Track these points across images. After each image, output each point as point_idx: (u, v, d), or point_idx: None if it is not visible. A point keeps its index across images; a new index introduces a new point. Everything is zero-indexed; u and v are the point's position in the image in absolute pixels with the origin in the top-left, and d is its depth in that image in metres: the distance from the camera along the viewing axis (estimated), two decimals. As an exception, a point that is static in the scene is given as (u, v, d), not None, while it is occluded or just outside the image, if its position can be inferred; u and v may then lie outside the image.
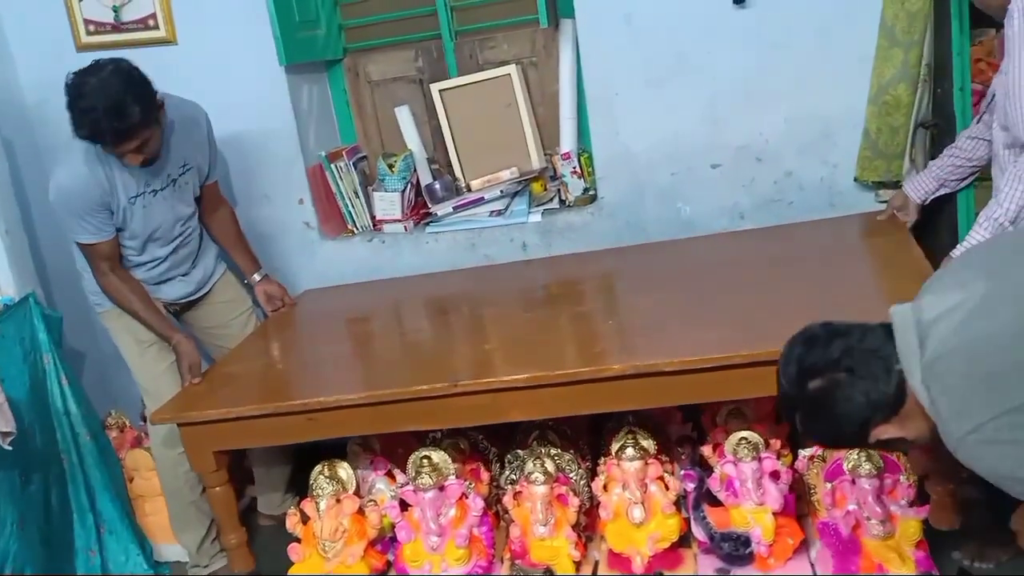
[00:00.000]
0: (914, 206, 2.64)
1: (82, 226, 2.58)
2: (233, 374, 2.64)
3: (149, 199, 2.64)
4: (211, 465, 2.48)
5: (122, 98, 2.35)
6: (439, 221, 3.24)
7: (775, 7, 2.80)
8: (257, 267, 3.03)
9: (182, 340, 2.65)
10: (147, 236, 2.70)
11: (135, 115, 2.37)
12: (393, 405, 2.31)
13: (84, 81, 2.39)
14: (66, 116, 3.18)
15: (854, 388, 1.52)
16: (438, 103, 3.28)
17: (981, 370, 1.39)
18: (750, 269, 2.65)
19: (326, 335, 2.87)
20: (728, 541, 2.37)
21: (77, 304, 3.32)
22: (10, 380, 2.64)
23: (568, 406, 2.31)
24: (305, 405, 2.36)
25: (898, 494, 2.28)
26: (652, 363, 2.15)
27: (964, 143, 2.51)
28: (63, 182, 2.56)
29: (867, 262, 2.55)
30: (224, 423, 2.41)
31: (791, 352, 1.59)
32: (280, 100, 3.18)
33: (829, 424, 1.58)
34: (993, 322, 1.41)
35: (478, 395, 2.27)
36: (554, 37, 3.20)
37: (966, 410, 1.40)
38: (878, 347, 1.52)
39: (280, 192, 3.29)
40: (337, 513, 2.47)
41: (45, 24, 3.22)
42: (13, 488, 2.63)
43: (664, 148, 2.99)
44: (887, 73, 2.69)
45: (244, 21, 3.07)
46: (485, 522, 2.50)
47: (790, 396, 1.60)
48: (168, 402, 2.54)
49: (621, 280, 2.77)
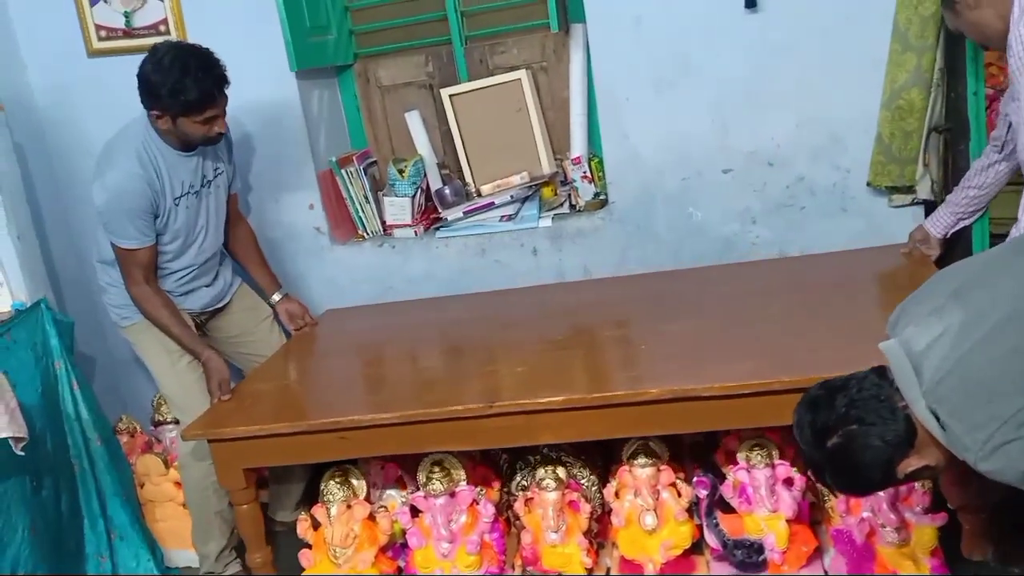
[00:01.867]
0: (935, 240, 2.65)
1: (128, 230, 2.59)
2: (261, 392, 2.64)
3: (191, 200, 2.69)
4: (240, 482, 2.46)
5: (208, 58, 2.50)
6: (449, 226, 3.24)
7: (785, 11, 2.80)
8: (278, 286, 3.05)
9: (212, 356, 2.65)
10: (185, 238, 2.72)
11: (221, 68, 2.52)
12: (428, 425, 2.30)
13: (166, 51, 2.48)
14: (79, 121, 3.26)
15: (868, 435, 1.60)
16: (448, 108, 3.28)
17: (978, 386, 1.50)
18: (776, 297, 2.66)
19: (351, 354, 2.86)
20: (741, 548, 2.36)
21: (88, 309, 3.34)
22: (22, 386, 2.64)
23: (603, 429, 2.30)
24: (338, 423, 2.35)
25: (913, 501, 2.26)
26: (690, 388, 2.14)
27: (977, 176, 2.54)
28: (116, 183, 2.57)
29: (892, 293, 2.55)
30: (255, 440, 2.40)
31: (801, 420, 1.68)
32: (291, 105, 3.18)
33: (858, 474, 1.65)
34: (977, 345, 1.51)
35: (513, 416, 2.25)
36: (564, 42, 3.20)
37: (976, 423, 1.48)
38: (876, 391, 1.61)
39: (291, 197, 3.29)
40: (348, 519, 2.46)
41: (57, 29, 3.23)
42: (24, 494, 2.63)
43: (675, 153, 2.99)
44: (900, 78, 2.68)
45: (255, 27, 3.08)
46: (496, 528, 2.49)
47: (814, 460, 1.69)
48: (198, 419, 2.53)
49: (649, 306, 2.75)
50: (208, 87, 2.48)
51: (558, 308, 2.91)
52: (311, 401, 2.61)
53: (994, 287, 1.59)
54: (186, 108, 2.50)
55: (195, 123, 2.54)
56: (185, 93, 2.46)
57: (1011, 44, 2.12)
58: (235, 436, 2.42)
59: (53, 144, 3.34)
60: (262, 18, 3.05)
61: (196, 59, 2.47)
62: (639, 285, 2.96)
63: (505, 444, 2.47)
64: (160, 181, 2.61)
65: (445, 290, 3.21)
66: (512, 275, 3.16)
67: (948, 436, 1.54)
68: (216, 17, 3.12)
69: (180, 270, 2.77)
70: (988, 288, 1.59)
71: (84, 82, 3.25)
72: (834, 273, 2.75)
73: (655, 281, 2.96)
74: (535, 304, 2.98)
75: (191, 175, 2.68)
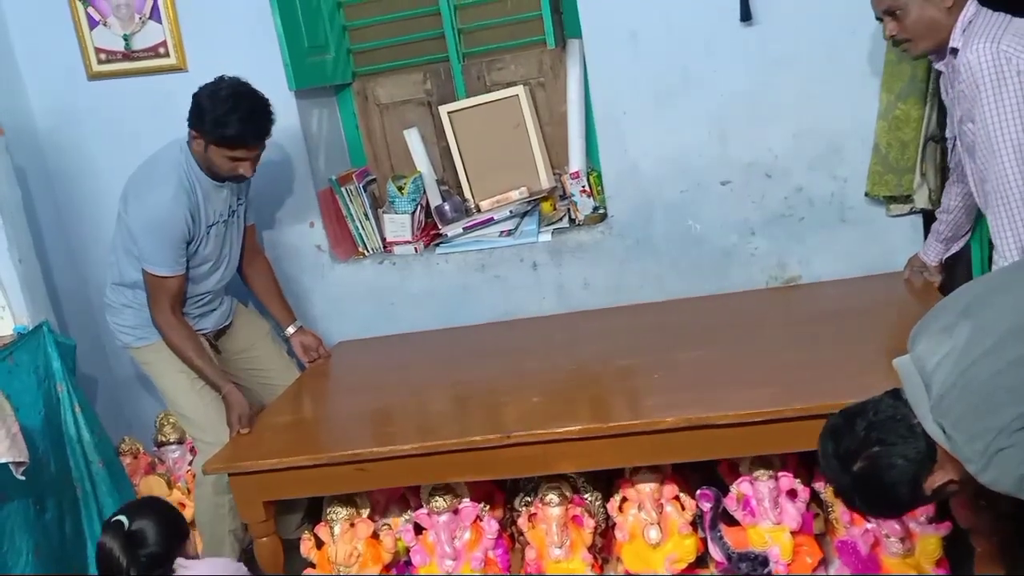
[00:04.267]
0: (933, 268, 2.68)
1: (163, 256, 2.63)
2: (279, 425, 2.65)
3: (220, 229, 2.76)
4: (260, 515, 2.46)
5: (263, 100, 2.60)
6: (449, 242, 3.24)
7: (780, 23, 2.81)
8: (292, 319, 3.07)
9: (232, 390, 2.66)
10: (213, 264, 2.78)
11: (271, 118, 2.61)
12: (445, 456, 2.31)
13: (219, 88, 2.57)
14: (80, 145, 3.28)
15: (891, 456, 1.64)
16: (447, 125, 3.29)
17: (978, 397, 1.55)
18: (784, 326, 2.68)
19: (365, 387, 2.87)
20: (746, 561, 2.35)
21: (90, 332, 3.35)
22: (25, 409, 2.65)
23: (619, 458, 2.32)
24: (356, 455, 2.36)
25: (917, 511, 2.25)
26: (704, 416, 2.16)
27: (945, 199, 2.60)
28: (159, 208, 2.60)
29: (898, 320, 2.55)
30: (275, 473, 2.41)
31: (825, 449, 1.72)
32: (290, 125, 3.20)
33: (886, 495, 1.68)
34: (981, 355, 1.57)
35: (529, 446, 2.27)
36: (561, 57, 3.22)
37: (975, 434, 1.54)
38: (892, 412, 1.66)
39: (291, 216, 3.30)
40: (351, 537, 2.46)
41: (57, 53, 3.25)
42: (28, 517, 2.64)
43: (673, 165, 2.99)
44: (896, 87, 2.68)
45: (254, 47, 3.09)
46: (500, 545, 2.48)
47: (843, 487, 1.72)
48: (218, 452, 2.54)
49: (656, 336, 2.76)
50: (248, 130, 2.56)
51: (566, 338, 2.91)
52: (328, 434, 2.62)
53: (998, 304, 1.64)
54: (220, 140, 2.56)
55: (224, 156, 2.59)
56: (226, 127, 2.53)
57: (959, 67, 2.16)
58: (255, 470, 2.42)
59: (54, 167, 3.36)
60: (260, 38, 3.07)
61: (249, 102, 2.56)
62: (644, 314, 2.97)
63: (522, 474, 2.48)
64: (198, 209, 2.65)
65: (446, 305, 3.22)
66: (512, 290, 3.17)
67: (953, 448, 1.58)
68: (215, 38, 3.14)
69: (200, 294, 2.81)
70: (993, 305, 1.64)
71: (85, 105, 3.28)
72: (838, 301, 2.77)
73: (660, 311, 2.97)
74: (543, 335, 2.98)
75: (222, 204, 2.75)
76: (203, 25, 3.15)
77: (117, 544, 1.98)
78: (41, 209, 3.27)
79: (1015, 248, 2.16)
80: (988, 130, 2.14)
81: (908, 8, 2.21)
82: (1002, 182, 2.15)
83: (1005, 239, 2.18)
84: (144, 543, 2.00)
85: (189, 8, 3.15)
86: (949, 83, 2.30)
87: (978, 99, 2.14)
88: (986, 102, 2.13)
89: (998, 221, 2.18)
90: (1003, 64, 2.10)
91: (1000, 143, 2.13)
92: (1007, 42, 2.11)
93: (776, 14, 2.80)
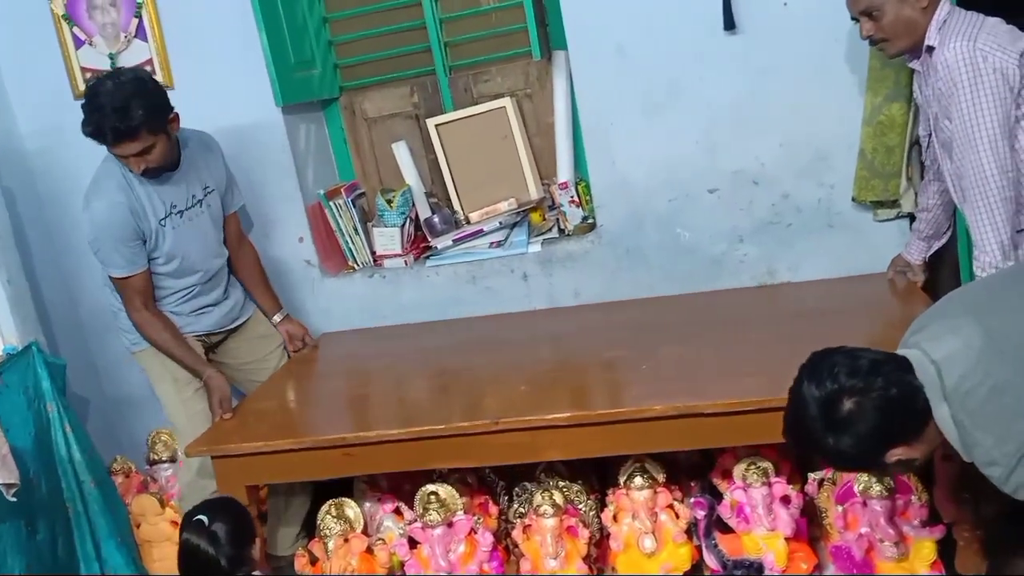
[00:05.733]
0: (917, 267, 2.70)
1: (115, 259, 2.63)
2: (264, 410, 2.65)
3: (177, 220, 2.72)
4: (243, 500, 2.44)
5: (129, 100, 2.46)
6: (439, 254, 3.25)
7: (764, 32, 2.82)
8: (279, 307, 3.07)
9: (213, 375, 2.67)
10: (181, 259, 2.74)
11: (137, 118, 2.47)
12: (433, 441, 2.31)
13: (101, 82, 2.52)
14: (67, 165, 3.27)
15: (891, 410, 1.61)
16: (435, 138, 3.30)
17: (1008, 401, 1.55)
18: (770, 323, 2.69)
19: (352, 375, 2.88)
20: (741, 568, 2.35)
21: (80, 350, 3.34)
22: (14, 430, 2.64)
23: (607, 446, 2.32)
24: (343, 440, 2.36)
25: (911, 515, 2.26)
26: (693, 405, 2.17)
27: (922, 197, 2.63)
28: (99, 213, 2.62)
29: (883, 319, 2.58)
30: (259, 456, 2.41)
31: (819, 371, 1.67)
32: (278, 140, 3.20)
33: (853, 444, 1.63)
34: (1005, 360, 1.57)
35: (518, 432, 2.27)
36: (547, 69, 3.23)
37: (1007, 436, 1.54)
38: (902, 376, 1.62)
39: (280, 231, 3.30)
40: (346, 553, 2.45)
41: (43, 73, 3.25)
42: (20, 538, 2.62)
43: (661, 175, 3.00)
44: (880, 93, 2.70)
45: (240, 64, 3.10)
46: (495, 557, 2.48)
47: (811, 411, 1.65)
48: (202, 435, 2.54)
49: (643, 331, 2.77)
50: (121, 128, 2.47)
51: (553, 333, 2.92)
52: (314, 419, 2.62)
53: (1010, 311, 1.65)
54: (103, 142, 2.53)
55: (119, 156, 2.56)
56: (100, 132, 2.50)
57: (936, 65, 2.20)
58: (240, 452, 2.42)
59: (43, 188, 3.35)
60: (247, 55, 3.07)
61: (121, 100, 2.45)
62: (630, 312, 2.97)
63: (510, 461, 2.47)
64: (140, 205, 2.63)
65: (438, 318, 3.21)
66: (503, 301, 3.17)
67: (972, 448, 1.58)
68: (201, 56, 3.14)
69: (182, 289, 2.79)
70: (1004, 313, 1.65)
71: (72, 125, 3.19)
72: (823, 300, 2.78)
73: (646, 308, 2.98)
74: (530, 329, 2.99)
75: (176, 195, 2.71)
76: (189, 42, 3.15)
77: (204, 540, 2.01)
78: (30, 229, 3.26)
79: (995, 244, 2.18)
80: (966, 126, 2.17)
81: (884, 9, 2.24)
82: (980, 178, 2.18)
83: (985, 234, 2.20)
84: (222, 541, 2.03)
85: (174, 26, 3.15)
86: (924, 80, 2.33)
87: (955, 96, 2.17)
88: (963, 99, 2.16)
89: (977, 216, 2.20)
90: (979, 62, 2.14)
91: (978, 139, 2.16)
92: (983, 40, 2.15)
93: (760, 24, 2.82)
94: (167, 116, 2.58)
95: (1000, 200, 2.17)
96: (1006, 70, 2.13)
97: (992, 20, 2.22)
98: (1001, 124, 2.16)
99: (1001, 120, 2.15)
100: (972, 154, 2.18)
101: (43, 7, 3.21)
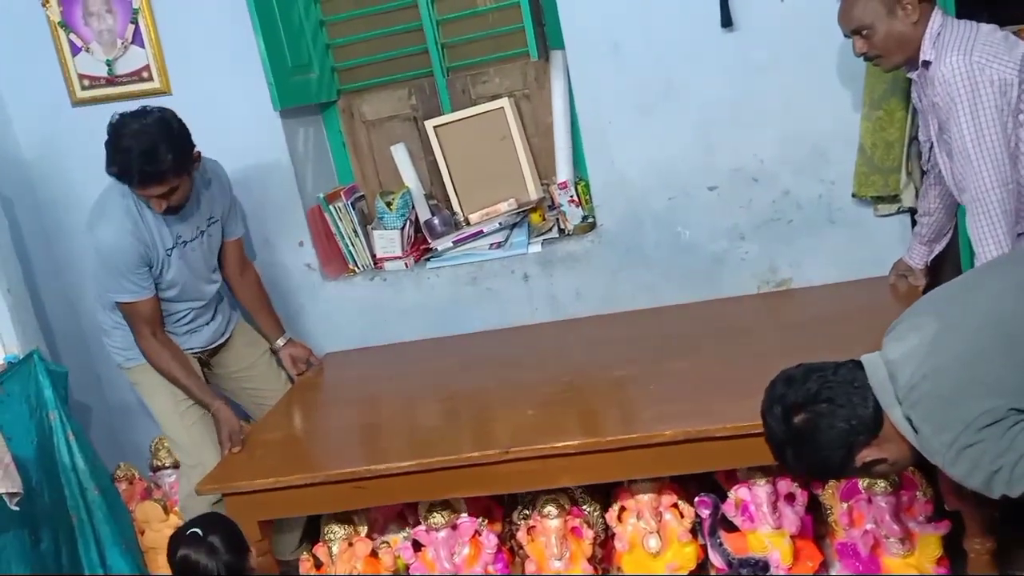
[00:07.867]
0: (919, 271, 2.69)
1: (123, 285, 2.62)
2: (271, 442, 2.62)
3: (182, 250, 2.71)
4: (256, 535, 2.43)
5: (157, 144, 2.44)
6: (439, 256, 3.24)
7: (761, 29, 2.82)
8: (281, 331, 3.06)
9: (221, 407, 2.65)
10: (182, 286, 2.74)
11: (166, 162, 2.45)
12: (444, 472, 2.30)
13: (126, 123, 2.48)
14: (66, 172, 3.27)
15: (835, 416, 1.67)
16: (433, 139, 3.29)
17: (948, 390, 1.59)
18: (773, 333, 2.69)
19: (359, 401, 2.86)
20: (747, 567, 2.35)
21: (82, 358, 3.33)
22: (17, 439, 2.63)
23: (619, 471, 2.32)
24: (353, 474, 2.34)
25: (916, 511, 2.26)
26: (703, 429, 2.16)
27: (923, 202, 2.62)
28: (108, 240, 2.60)
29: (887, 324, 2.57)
30: (270, 492, 2.39)
31: (773, 393, 1.75)
32: (276, 144, 3.20)
33: (817, 454, 1.70)
34: (949, 352, 1.62)
35: (529, 461, 2.26)
36: (545, 69, 3.22)
37: (944, 425, 1.58)
38: (851, 377, 1.70)
39: (280, 235, 3.30)
40: (350, 557, 2.45)
41: (40, 81, 3.25)
42: (24, 548, 2.62)
43: (660, 173, 3.00)
44: (879, 88, 2.70)
45: (237, 68, 3.09)
46: (500, 559, 2.48)
47: (777, 435, 1.74)
48: (212, 472, 2.53)
49: (648, 344, 2.75)
50: (150, 171, 2.45)
51: (557, 349, 2.90)
52: (322, 451, 2.61)
53: (968, 300, 1.68)
54: (128, 183, 2.50)
55: (141, 195, 2.54)
56: (127, 175, 2.47)
57: (934, 79, 2.19)
58: (251, 489, 2.41)
59: (42, 195, 3.34)
60: (244, 59, 3.07)
61: (148, 143, 2.43)
62: (634, 323, 2.96)
63: (523, 488, 2.46)
64: (150, 234, 2.62)
65: (439, 320, 3.21)
66: (504, 302, 3.16)
67: (920, 440, 1.62)
68: (198, 61, 3.14)
69: (178, 312, 2.78)
70: (962, 303, 1.69)
71: (69, 132, 3.26)
72: (825, 307, 2.78)
73: (649, 318, 2.97)
74: (536, 344, 2.98)
75: (184, 228, 2.70)
76: (186, 48, 3.15)
77: (203, 553, 2.01)
78: (29, 237, 3.26)
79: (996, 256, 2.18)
80: (965, 141, 2.16)
81: (875, 26, 2.24)
82: (981, 191, 2.18)
83: (986, 246, 2.20)
84: (221, 552, 2.02)
85: (171, 31, 3.14)
86: (922, 91, 2.32)
87: (954, 112, 2.16)
88: (962, 114, 2.15)
89: (979, 231, 2.21)
90: (977, 75, 2.13)
91: (978, 154, 2.16)
92: (979, 52, 2.14)
93: (756, 20, 2.81)
94: (192, 157, 2.56)
95: (1001, 213, 2.18)
96: (1004, 80, 2.13)
97: (987, 28, 2.21)
98: (1001, 137, 2.15)
99: (1000, 133, 2.15)
100: (972, 169, 2.18)
101: (39, 14, 3.19)
